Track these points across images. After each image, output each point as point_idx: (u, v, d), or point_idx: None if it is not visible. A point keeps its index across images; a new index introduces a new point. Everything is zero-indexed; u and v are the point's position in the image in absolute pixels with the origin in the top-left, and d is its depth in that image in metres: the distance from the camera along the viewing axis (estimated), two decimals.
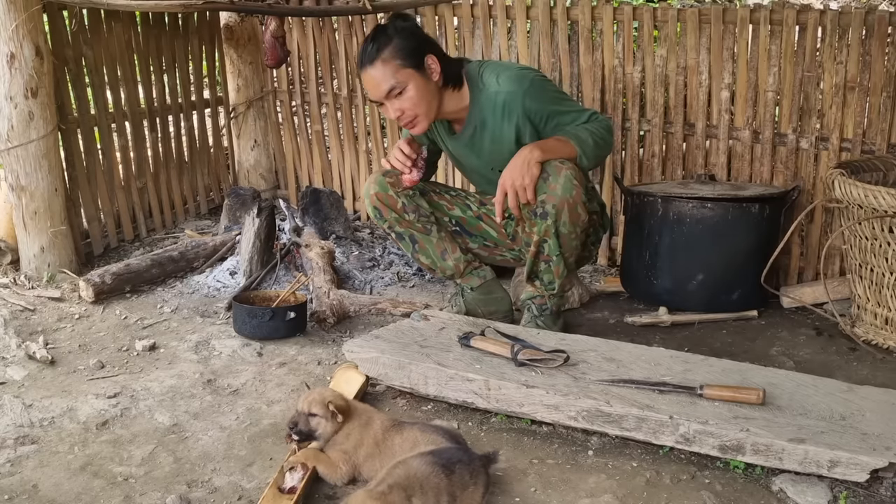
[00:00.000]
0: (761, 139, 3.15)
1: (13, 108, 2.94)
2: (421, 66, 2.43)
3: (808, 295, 2.98)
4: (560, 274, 2.56)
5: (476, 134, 2.59)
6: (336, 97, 4.01)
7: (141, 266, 3.11)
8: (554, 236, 2.47)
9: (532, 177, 2.38)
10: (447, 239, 2.75)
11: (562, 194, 2.40)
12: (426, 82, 2.45)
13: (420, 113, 2.47)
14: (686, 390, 2.01)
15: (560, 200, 2.41)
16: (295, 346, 2.64)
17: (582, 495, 1.83)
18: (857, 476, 1.74)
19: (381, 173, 2.69)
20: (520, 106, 2.48)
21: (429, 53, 2.45)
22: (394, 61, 2.40)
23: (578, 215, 2.46)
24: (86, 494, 1.84)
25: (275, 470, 1.89)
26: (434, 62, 2.46)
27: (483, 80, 2.53)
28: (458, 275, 2.78)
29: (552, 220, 2.44)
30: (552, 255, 2.52)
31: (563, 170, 2.40)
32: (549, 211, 2.43)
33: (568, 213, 2.43)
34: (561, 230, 2.46)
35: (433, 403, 2.23)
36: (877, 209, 2.48)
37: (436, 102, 2.50)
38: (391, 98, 2.44)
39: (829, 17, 2.95)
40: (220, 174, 4.25)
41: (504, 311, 2.81)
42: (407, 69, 2.41)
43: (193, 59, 3.99)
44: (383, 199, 2.68)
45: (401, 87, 2.41)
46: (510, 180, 2.39)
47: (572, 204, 2.42)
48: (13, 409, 2.19)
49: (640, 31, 3.28)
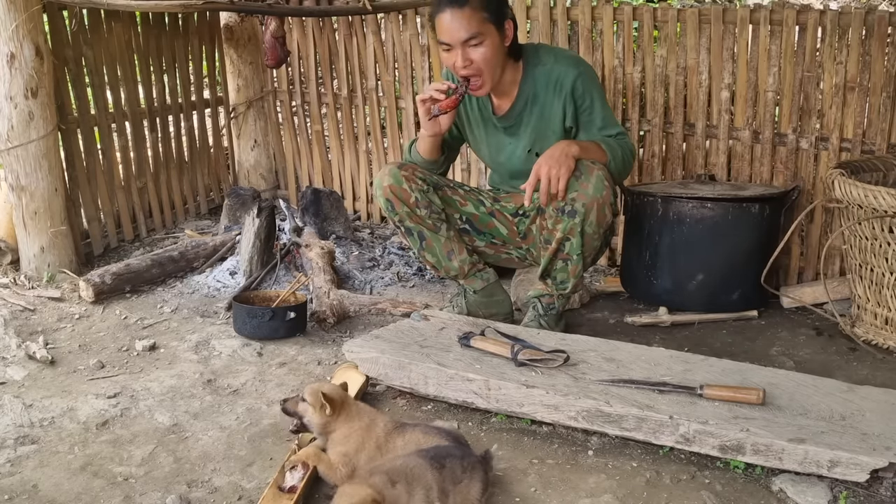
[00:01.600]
0: (761, 139, 3.15)
1: (13, 108, 2.94)
2: (501, 27, 2.46)
3: (808, 295, 2.98)
4: (576, 273, 2.57)
5: (526, 109, 2.62)
6: (336, 97, 4.01)
7: (141, 266, 3.11)
8: (578, 235, 2.48)
9: (568, 168, 2.39)
10: (455, 239, 2.74)
11: (593, 193, 2.41)
12: (500, 43, 2.47)
13: (486, 71, 2.47)
14: (686, 390, 2.01)
15: (591, 200, 2.42)
16: (295, 346, 2.64)
17: (582, 495, 1.83)
18: (857, 476, 1.74)
19: (396, 165, 2.67)
20: (570, 84, 2.53)
21: (509, 18, 2.49)
22: (482, 12, 2.41)
23: (605, 216, 2.48)
24: (86, 494, 1.84)
25: (275, 470, 1.89)
26: (510, 27, 2.50)
27: (540, 56, 2.59)
28: (461, 276, 2.78)
29: (580, 218, 2.44)
30: (573, 253, 2.52)
31: (595, 170, 2.42)
32: (579, 209, 2.43)
33: (596, 213, 2.45)
34: (586, 230, 2.47)
35: (433, 403, 2.23)
36: (877, 209, 2.48)
37: (500, 68, 2.52)
38: (467, 46, 2.43)
39: (829, 17, 2.95)
40: (220, 174, 4.25)
41: (505, 313, 2.81)
42: (490, 24, 2.42)
43: (193, 59, 3.99)
44: (397, 191, 2.65)
45: (480, 40, 2.43)
46: (546, 167, 2.40)
47: (601, 204, 2.44)
48: (13, 409, 2.19)
49: (640, 31, 3.28)
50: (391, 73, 3.86)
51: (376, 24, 3.77)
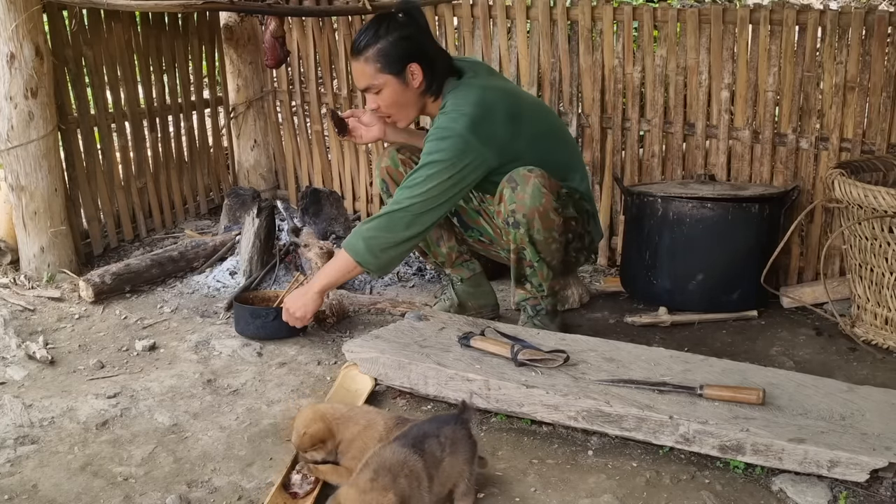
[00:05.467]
0: (761, 139, 3.15)
1: (13, 108, 2.94)
2: (401, 73, 2.42)
3: (808, 295, 2.98)
4: (546, 277, 2.57)
5: None
6: (336, 97, 4.01)
7: (141, 266, 3.11)
8: (529, 244, 2.48)
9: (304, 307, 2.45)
10: (444, 226, 2.77)
11: (530, 203, 2.41)
12: (403, 89, 2.45)
13: (394, 112, 2.52)
14: (686, 390, 2.01)
15: (530, 210, 2.42)
16: (295, 346, 2.64)
17: (582, 495, 1.83)
18: (857, 476, 1.74)
19: (396, 149, 2.73)
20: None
21: (414, 62, 2.42)
22: (375, 63, 2.41)
23: (551, 221, 2.46)
24: (86, 494, 1.84)
25: (274, 470, 1.89)
26: (417, 71, 2.43)
27: (447, 99, 2.45)
28: (448, 263, 2.80)
29: (524, 228, 2.45)
30: (533, 260, 2.53)
31: (532, 178, 2.41)
32: (521, 220, 2.44)
33: (540, 221, 2.44)
34: (535, 237, 2.47)
35: (433, 403, 2.23)
36: (877, 209, 2.48)
37: (413, 107, 2.52)
38: (369, 93, 2.50)
39: (829, 17, 2.95)
40: (220, 174, 4.25)
41: (492, 304, 2.87)
42: (385, 74, 2.42)
43: (193, 59, 3.99)
44: (392, 173, 2.72)
45: (377, 89, 2.46)
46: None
47: (543, 212, 2.43)
48: (13, 409, 2.19)
49: (640, 31, 3.28)
50: None
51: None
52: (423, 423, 1.77)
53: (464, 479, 1.71)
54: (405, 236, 2.33)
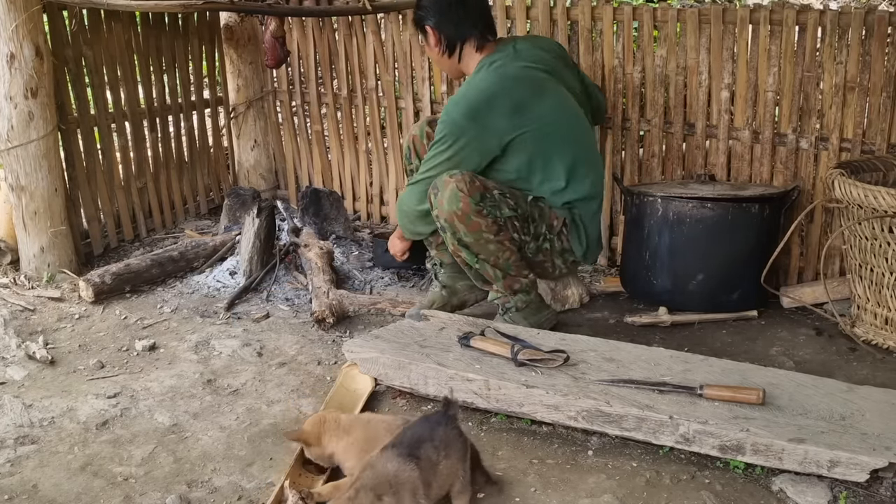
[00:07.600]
0: (761, 139, 3.15)
1: (13, 108, 2.94)
2: (424, 32, 2.68)
3: (808, 295, 2.98)
4: (495, 276, 2.57)
5: None
6: (336, 97, 4.01)
7: (141, 266, 3.11)
8: (462, 246, 2.50)
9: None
10: None
11: (448, 208, 2.44)
12: (427, 46, 2.73)
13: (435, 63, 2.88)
14: (686, 390, 2.01)
15: (449, 214, 2.45)
16: (295, 346, 2.64)
17: (582, 495, 1.83)
18: (857, 476, 1.74)
19: (427, 121, 2.86)
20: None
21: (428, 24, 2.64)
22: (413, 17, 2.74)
23: (474, 223, 2.44)
24: (86, 494, 1.84)
25: (275, 470, 1.89)
26: (431, 33, 2.65)
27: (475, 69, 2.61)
28: (435, 245, 2.79)
29: (450, 232, 2.49)
30: (472, 263, 2.54)
31: (451, 182, 2.43)
32: (445, 225, 2.49)
33: (462, 225, 2.45)
34: (465, 239, 2.48)
35: (433, 403, 2.23)
36: (877, 209, 2.48)
37: (444, 65, 2.73)
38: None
39: (828, 17, 2.94)
40: (220, 174, 4.25)
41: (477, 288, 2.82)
42: (416, 28, 2.74)
43: (193, 59, 3.98)
44: (417, 143, 2.85)
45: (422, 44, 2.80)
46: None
47: (462, 216, 2.43)
48: (13, 409, 2.19)
49: (640, 31, 3.28)
50: (391, 73, 3.86)
51: (376, 24, 3.77)
52: (416, 426, 1.73)
53: (458, 477, 1.71)
54: (420, 209, 2.58)
